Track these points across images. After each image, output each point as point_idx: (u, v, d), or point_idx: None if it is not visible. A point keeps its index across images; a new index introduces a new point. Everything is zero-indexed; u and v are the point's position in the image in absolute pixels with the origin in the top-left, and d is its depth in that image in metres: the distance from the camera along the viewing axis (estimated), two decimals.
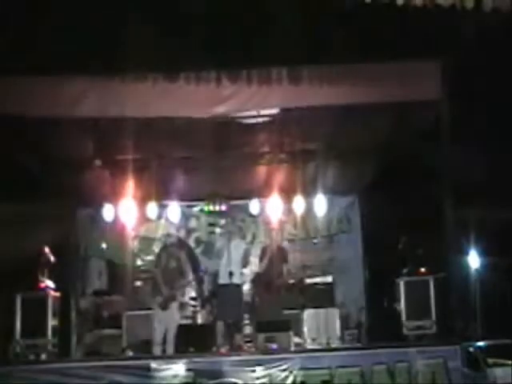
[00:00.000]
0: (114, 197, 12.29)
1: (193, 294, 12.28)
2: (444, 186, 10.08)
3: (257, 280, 12.47)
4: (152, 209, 12.34)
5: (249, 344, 10.95)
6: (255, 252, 12.91)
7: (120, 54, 9.31)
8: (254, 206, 12.89)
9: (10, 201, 10.02)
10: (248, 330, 11.44)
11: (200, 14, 9.25)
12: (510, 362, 13.24)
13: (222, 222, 13.48)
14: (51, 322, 10.45)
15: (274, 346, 10.35)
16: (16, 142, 10.31)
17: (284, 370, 9.38)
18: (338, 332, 11.15)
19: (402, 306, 10.71)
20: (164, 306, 11.09)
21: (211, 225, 13.63)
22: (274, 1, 9.30)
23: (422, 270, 11.07)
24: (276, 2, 9.25)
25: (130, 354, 10.62)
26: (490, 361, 13.90)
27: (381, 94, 9.63)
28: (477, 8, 7.59)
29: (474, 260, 20.86)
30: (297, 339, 10.77)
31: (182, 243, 13.14)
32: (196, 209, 13.71)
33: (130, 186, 12.09)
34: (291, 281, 12.19)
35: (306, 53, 9.20)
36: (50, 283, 10.85)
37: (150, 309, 11.24)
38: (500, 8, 7.61)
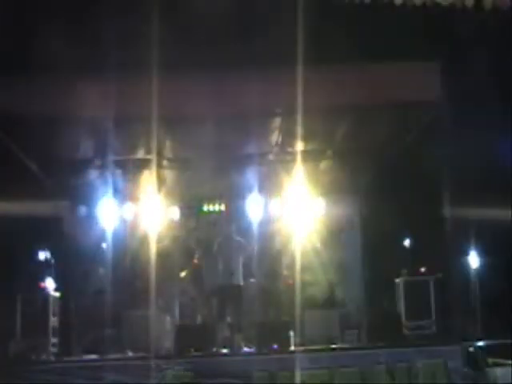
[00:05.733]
0: (114, 197, 12.29)
1: (193, 294, 12.29)
2: (444, 186, 10.08)
3: (257, 280, 12.47)
4: (152, 209, 12.33)
5: (249, 344, 10.95)
6: (255, 252, 12.89)
7: (120, 54, 9.31)
8: (253, 205, 12.88)
9: (10, 200, 10.02)
10: (248, 330, 11.43)
11: (200, 13, 9.26)
12: (510, 362, 13.23)
13: (222, 222, 13.46)
14: (51, 322, 10.46)
15: (275, 345, 10.35)
16: (16, 141, 10.31)
17: (284, 370, 9.38)
18: (338, 332, 11.15)
19: (402, 306, 10.72)
20: (164, 306, 11.11)
21: (211, 225, 13.62)
22: (274, 1, 9.31)
23: (422, 270, 11.08)
24: (276, 2, 9.26)
25: (130, 354, 10.62)
26: (490, 361, 13.90)
27: (381, 94, 9.63)
28: (477, 6, 7.59)
29: (473, 260, 20.86)
30: (297, 339, 10.76)
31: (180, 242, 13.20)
32: (196, 209, 13.71)
33: (129, 186, 12.11)
34: (291, 281, 12.18)
35: (306, 53, 9.20)
36: (50, 283, 10.87)
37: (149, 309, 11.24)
38: (500, 6, 7.61)
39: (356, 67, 9.81)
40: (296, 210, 12.49)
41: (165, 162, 11.90)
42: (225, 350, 10.57)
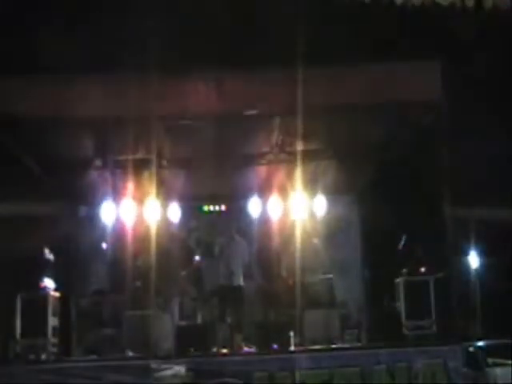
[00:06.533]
0: (114, 197, 12.29)
1: (193, 295, 12.29)
2: (444, 186, 10.08)
3: (257, 280, 12.48)
4: (152, 209, 12.32)
5: (249, 344, 10.95)
6: (255, 252, 12.89)
7: (120, 55, 9.32)
8: (253, 205, 12.88)
9: (11, 201, 10.02)
10: (248, 330, 11.43)
11: (200, 14, 9.26)
12: (510, 362, 13.25)
13: (222, 222, 13.46)
14: (51, 322, 10.46)
15: (275, 345, 10.35)
16: (16, 142, 10.30)
17: (284, 370, 9.37)
18: (338, 332, 11.16)
19: (402, 306, 10.72)
20: (164, 306, 11.11)
21: (211, 225, 13.62)
22: (274, 1, 9.32)
23: (422, 269, 11.08)
24: (276, 3, 9.27)
25: (130, 354, 10.62)
26: (490, 361, 13.91)
27: (381, 93, 9.64)
28: (477, 6, 7.60)
29: (473, 260, 20.87)
30: (297, 339, 10.76)
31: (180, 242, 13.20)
32: (196, 209, 13.71)
33: (129, 186, 12.10)
34: (291, 281, 12.18)
35: (306, 53, 9.20)
36: (49, 283, 10.86)
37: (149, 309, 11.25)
38: (500, 6, 7.62)
39: (356, 67, 9.81)
40: (296, 210, 12.49)
41: (165, 162, 11.88)
42: (225, 350, 10.57)
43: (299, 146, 11.62)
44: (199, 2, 9.42)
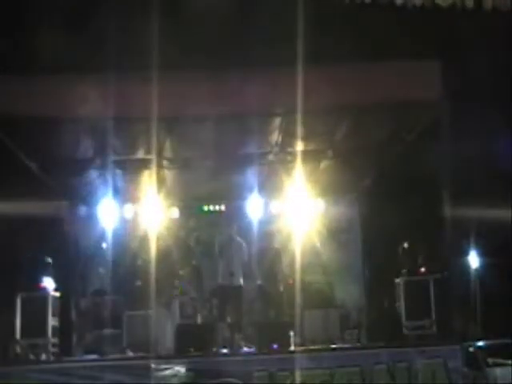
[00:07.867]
0: (114, 197, 12.29)
1: (193, 294, 12.30)
2: (444, 186, 10.08)
3: (257, 280, 12.48)
4: (152, 209, 12.33)
5: (249, 344, 10.95)
6: (255, 252, 12.89)
7: (120, 54, 9.32)
8: (253, 205, 12.88)
9: (11, 200, 10.02)
10: (248, 330, 11.43)
11: (200, 13, 9.26)
12: (510, 362, 13.25)
13: (222, 222, 13.47)
14: (51, 322, 10.47)
15: (275, 345, 10.35)
16: (16, 141, 10.30)
17: (284, 370, 9.37)
18: (338, 332, 11.15)
19: (402, 306, 10.73)
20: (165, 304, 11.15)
21: (211, 225, 13.63)
22: (273, 1, 9.32)
23: (422, 269, 11.09)
24: (276, 2, 9.27)
25: (130, 354, 10.62)
26: (490, 361, 13.91)
27: (381, 93, 9.63)
28: (477, 7, 7.61)
29: (473, 260, 20.88)
30: (297, 339, 10.76)
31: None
32: (196, 209, 13.71)
33: (129, 186, 12.10)
34: (291, 281, 12.18)
35: (306, 53, 9.20)
36: (49, 283, 10.87)
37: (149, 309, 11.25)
38: (500, 7, 7.63)
39: (356, 67, 9.81)
40: (296, 210, 12.48)
41: (165, 162, 11.88)
42: (225, 350, 10.57)
43: (299, 146, 11.62)
44: (199, 2, 9.43)
